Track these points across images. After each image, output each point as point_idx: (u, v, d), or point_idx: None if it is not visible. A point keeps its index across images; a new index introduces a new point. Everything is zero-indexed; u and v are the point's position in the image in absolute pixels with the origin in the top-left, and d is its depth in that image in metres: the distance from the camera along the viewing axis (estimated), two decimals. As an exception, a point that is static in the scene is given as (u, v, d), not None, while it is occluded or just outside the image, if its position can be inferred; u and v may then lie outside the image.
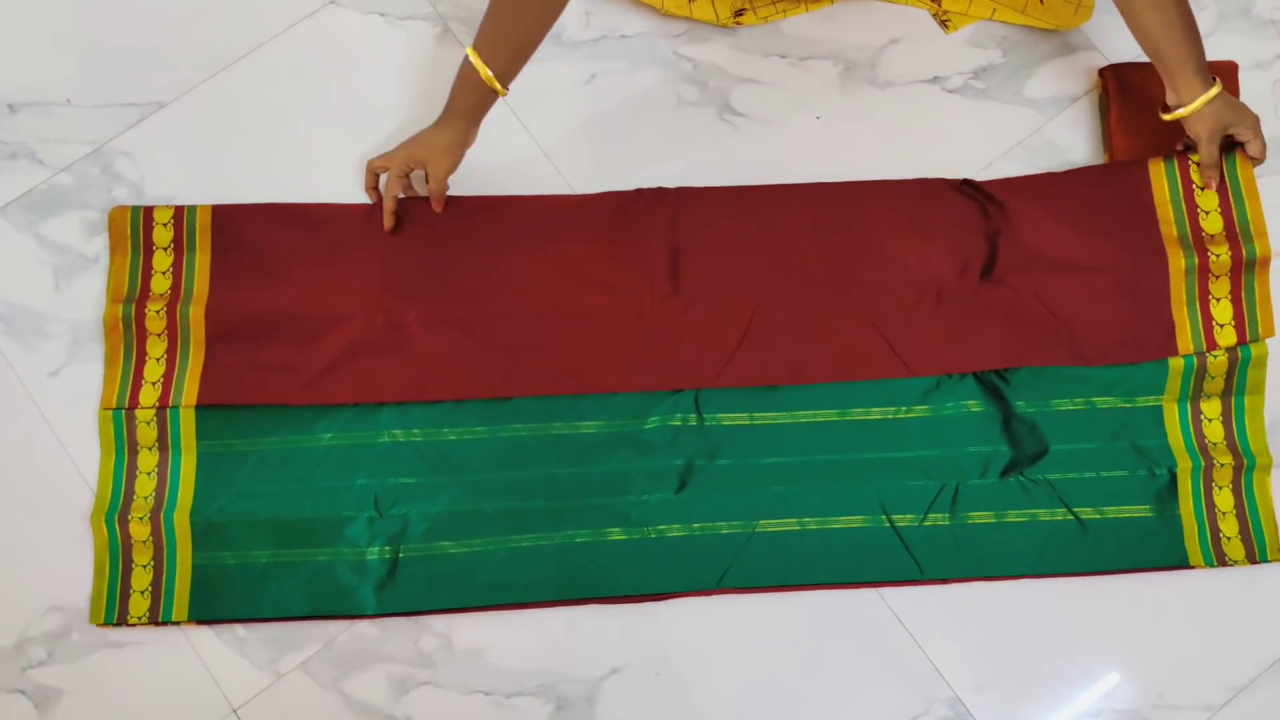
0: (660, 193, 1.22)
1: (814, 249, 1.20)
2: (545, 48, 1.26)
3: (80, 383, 1.19)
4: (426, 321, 1.18)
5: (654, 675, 1.14)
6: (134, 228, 1.20)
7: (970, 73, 1.30)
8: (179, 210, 1.20)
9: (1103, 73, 1.27)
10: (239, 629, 1.14)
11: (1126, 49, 1.29)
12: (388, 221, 1.18)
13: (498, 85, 1.10)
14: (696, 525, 1.16)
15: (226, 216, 1.20)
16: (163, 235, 1.20)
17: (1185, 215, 1.19)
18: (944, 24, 1.30)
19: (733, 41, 1.30)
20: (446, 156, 1.15)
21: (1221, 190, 1.19)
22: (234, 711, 1.12)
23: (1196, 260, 1.18)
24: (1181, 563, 1.15)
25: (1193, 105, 1.12)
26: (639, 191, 1.22)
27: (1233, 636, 1.15)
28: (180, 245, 1.20)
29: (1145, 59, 1.27)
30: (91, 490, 1.16)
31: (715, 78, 1.29)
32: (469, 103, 1.13)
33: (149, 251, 1.20)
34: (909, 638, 1.15)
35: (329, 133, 1.26)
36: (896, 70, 1.30)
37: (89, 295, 1.21)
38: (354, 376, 1.17)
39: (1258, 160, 1.17)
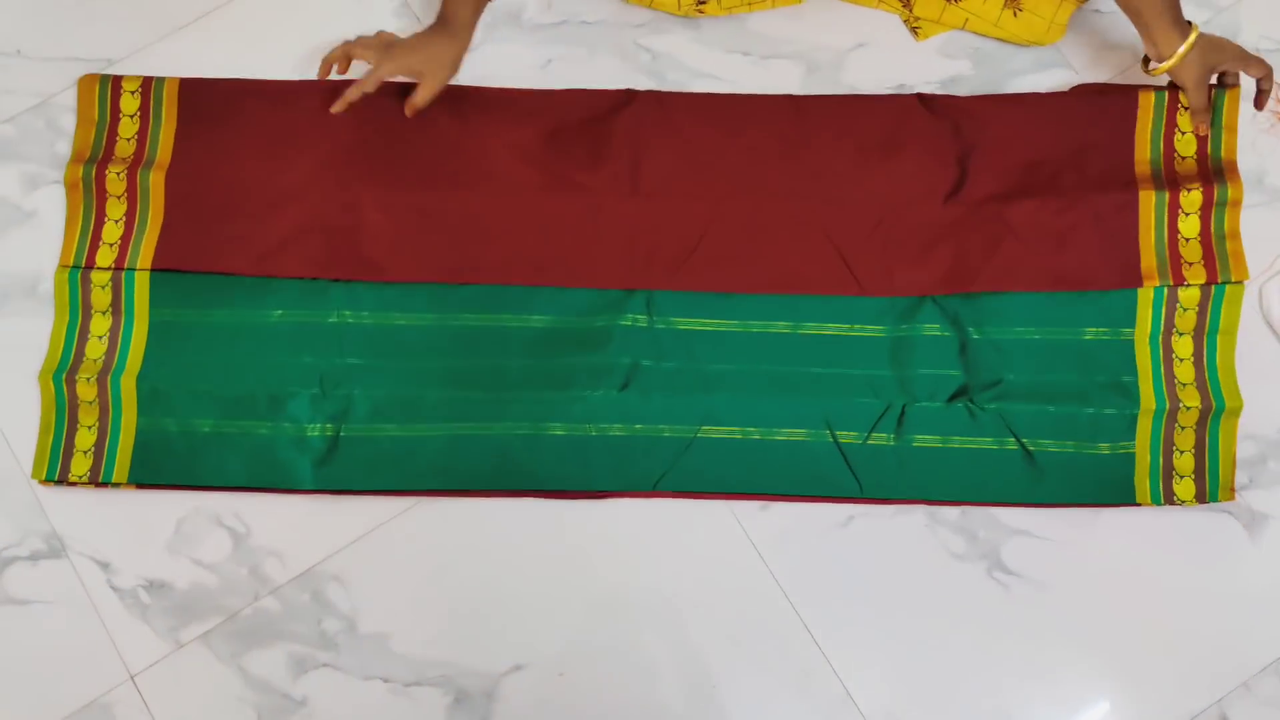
0: (628, 94, 1.21)
1: (777, 161, 1.19)
2: (503, 29, 1.25)
3: (4, 339, 1.18)
4: (382, 204, 1.17)
5: (557, 675, 1.12)
6: (102, 95, 1.21)
7: (937, 83, 1.26)
8: (147, 80, 1.21)
9: (1073, 92, 1.22)
10: (143, 594, 1.13)
11: (1099, 70, 1.25)
12: (339, 106, 1.13)
13: None
14: (638, 425, 1.15)
15: (194, 89, 1.21)
16: (130, 103, 1.20)
17: (1161, 156, 1.18)
18: (914, 31, 1.26)
19: (695, 35, 1.27)
20: (449, 70, 1.12)
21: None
22: (131, 678, 1.11)
23: (1168, 197, 1.16)
24: (1128, 500, 1.14)
25: (1173, 59, 1.10)
26: (605, 91, 1.22)
27: (1151, 684, 1.11)
28: (146, 113, 1.20)
29: (1116, 80, 1.23)
30: (16, 458, 1.15)
31: (673, 70, 1.26)
32: (468, 10, 1.10)
33: (115, 117, 1.20)
34: (821, 656, 1.12)
35: (277, 101, 1.23)
36: (861, 75, 1.26)
37: (22, 249, 1.20)
38: (306, 253, 1.17)
39: (1264, 74, 1.13)
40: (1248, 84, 1.18)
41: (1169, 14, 1.09)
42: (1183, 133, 1.17)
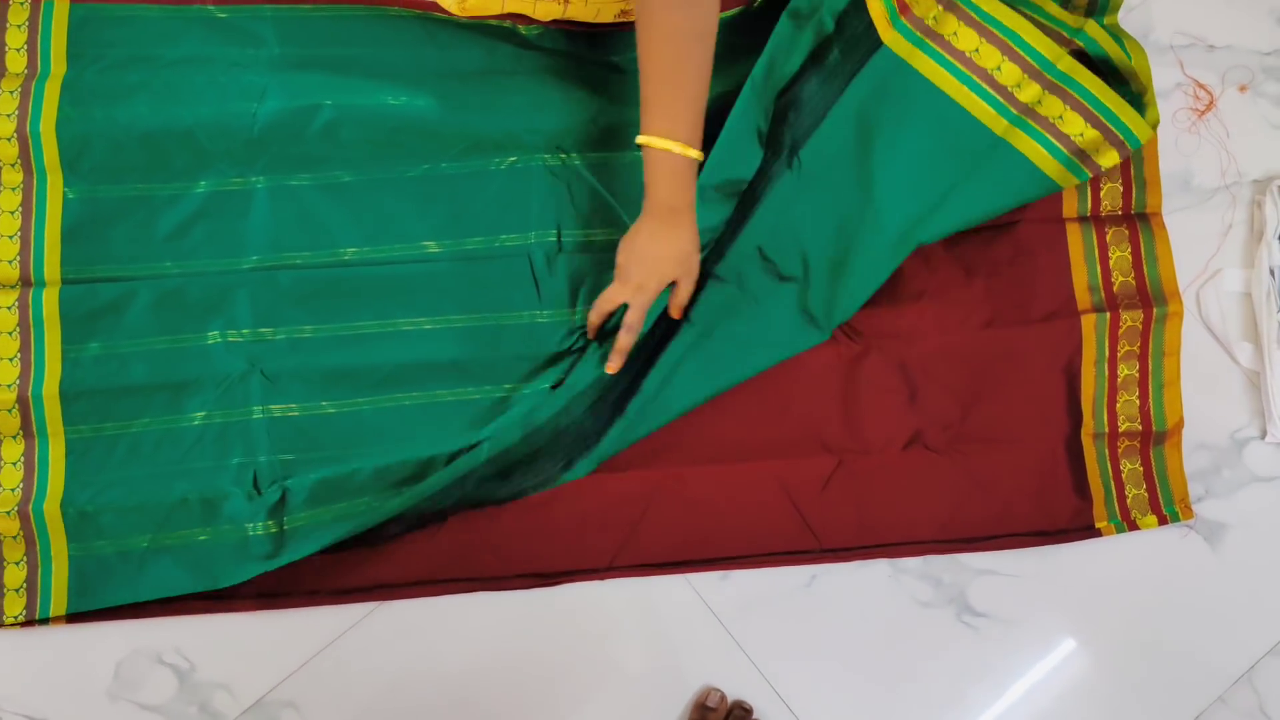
0: None
1: (728, 413, 1.13)
2: None
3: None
4: None
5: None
6: None
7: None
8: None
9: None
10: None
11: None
12: (615, 362, 1.07)
13: (698, 154, 1.00)
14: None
15: None
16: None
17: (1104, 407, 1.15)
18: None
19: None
20: (697, 257, 1.05)
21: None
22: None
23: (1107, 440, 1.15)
24: (1086, 522, 1.13)
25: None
26: None
27: (1130, 709, 1.11)
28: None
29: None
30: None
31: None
32: (688, 192, 1.01)
33: None
34: (797, 724, 1.10)
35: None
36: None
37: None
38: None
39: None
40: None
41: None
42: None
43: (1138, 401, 1.14)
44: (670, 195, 1.00)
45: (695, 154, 0.99)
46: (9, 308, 1.12)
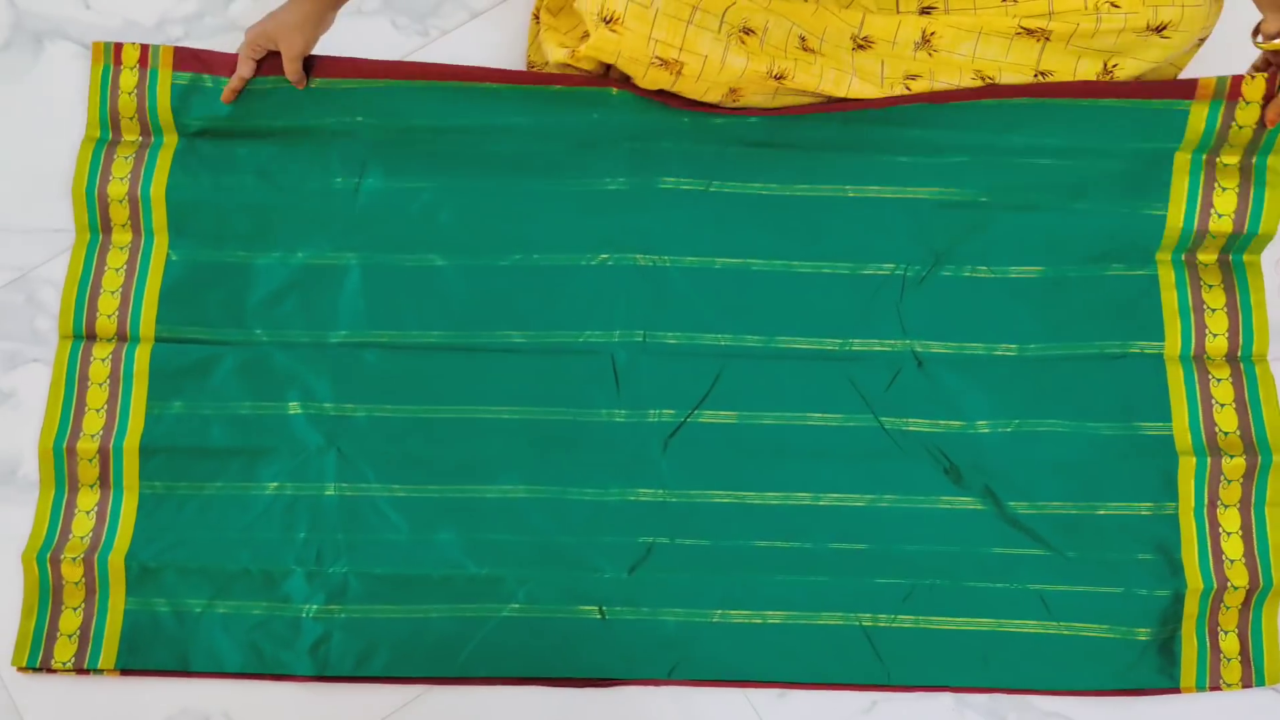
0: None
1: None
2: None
3: (-13, 523, 1.12)
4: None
5: None
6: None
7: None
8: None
9: None
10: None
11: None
12: (226, 96, 1.14)
13: None
14: (645, 609, 1.09)
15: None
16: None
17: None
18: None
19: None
20: (299, 34, 1.11)
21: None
22: None
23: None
24: (1172, 685, 1.07)
25: None
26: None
27: None
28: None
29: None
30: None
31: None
32: None
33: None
34: None
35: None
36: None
37: (3, 430, 1.15)
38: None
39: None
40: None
41: None
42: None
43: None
44: None
45: None
46: (103, 360, 1.14)
